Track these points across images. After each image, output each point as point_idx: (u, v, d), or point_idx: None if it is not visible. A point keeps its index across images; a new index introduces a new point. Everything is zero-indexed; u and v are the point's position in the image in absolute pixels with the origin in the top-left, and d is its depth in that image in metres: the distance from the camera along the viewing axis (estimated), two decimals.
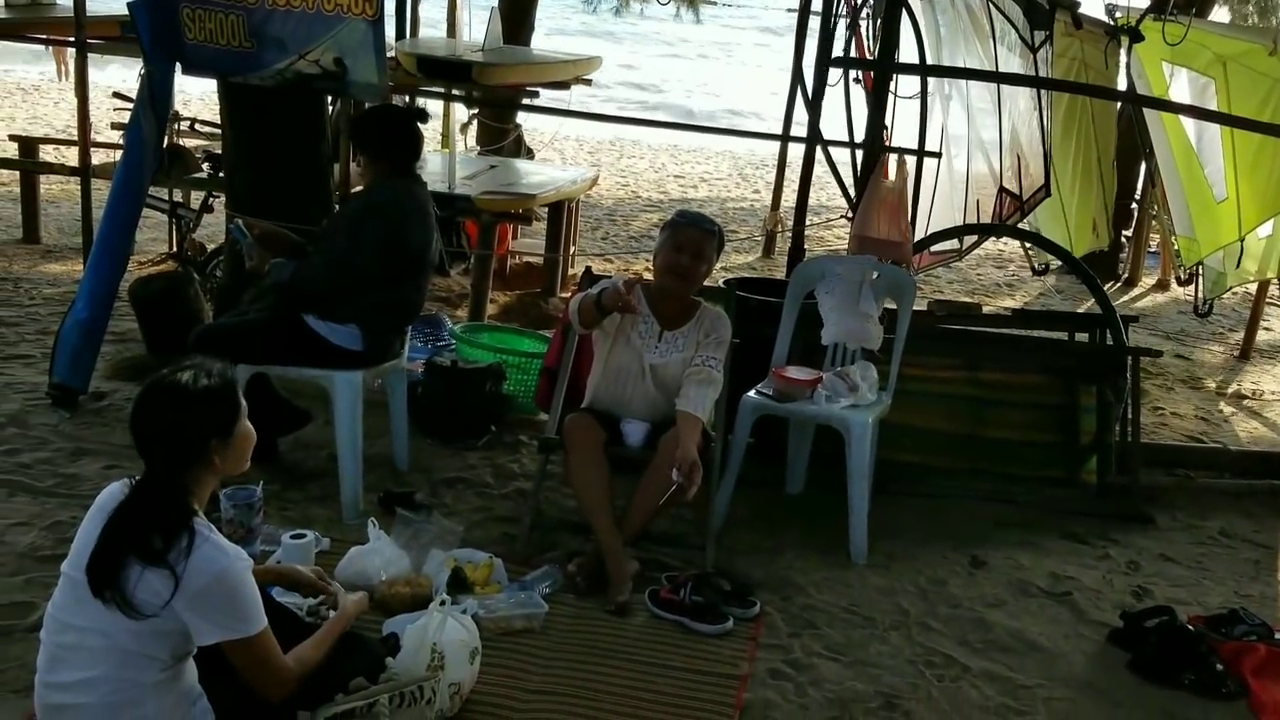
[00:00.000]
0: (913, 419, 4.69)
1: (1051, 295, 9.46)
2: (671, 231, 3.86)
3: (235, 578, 2.18)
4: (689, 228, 3.85)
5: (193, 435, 2.25)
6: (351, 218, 3.94)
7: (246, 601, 2.21)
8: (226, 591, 2.17)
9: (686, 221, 3.88)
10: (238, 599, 2.19)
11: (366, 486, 4.00)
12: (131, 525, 2.19)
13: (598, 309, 3.69)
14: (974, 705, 3.10)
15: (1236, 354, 7.83)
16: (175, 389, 2.25)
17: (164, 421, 2.25)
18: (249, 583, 2.22)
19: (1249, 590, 4.03)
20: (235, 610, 2.19)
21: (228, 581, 2.17)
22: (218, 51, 4.66)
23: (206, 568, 2.15)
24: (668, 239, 3.85)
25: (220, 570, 2.16)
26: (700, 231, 3.84)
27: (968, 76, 6.18)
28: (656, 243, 3.94)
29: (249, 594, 2.21)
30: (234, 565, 2.19)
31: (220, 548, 2.19)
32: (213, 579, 2.15)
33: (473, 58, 6.09)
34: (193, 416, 2.25)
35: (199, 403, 2.25)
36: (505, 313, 6.85)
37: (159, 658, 2.19)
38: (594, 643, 3.22)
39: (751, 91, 26.52)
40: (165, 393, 2.26)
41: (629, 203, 12.24)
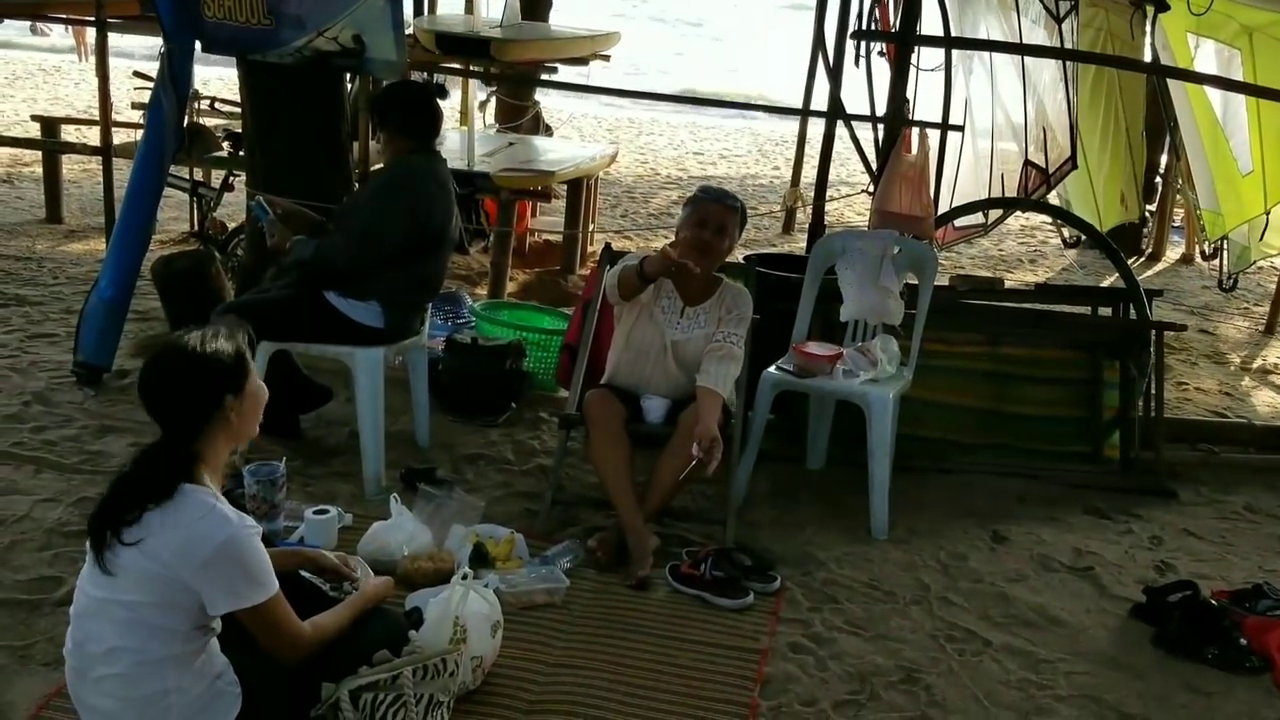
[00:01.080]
0: (934, 394, 4.67)
1: (1075, 270, 9.38)
2: (694, 207, 3.85)
3: (241, 544, 2.18)
4: (712, 203, 3.84)
5: (206, 392, 2.26)
6: (372, 194, 3.95)
7: (255, 567, 2.21)
8: (233, 558, 2.18)
9: (709, 197, 3.87)
10: (246, 565, 2.20)
11: (388, 463, 4.02)
12: (127, 486, 2.22)
13: (640, 279, 3.67)
14: (995, 679, 3.10)
15: (1261, 328, 7.76)
16: (183, 350, 2.27)
17: (174, 382, 2.26)
18: (256, 549, 2.22)
19: (1273, 565, 4.00)
20: (245, 577, 2.19)
21: (234, 548, 2.17)
22: (237, 29, 4.66)
23: (212, 535, 2.16)
24: (690, 214, 3.84)
25: (226, 537, 2.16)
26: (723, 207, 3.83)
27: (992, 49, 6.12)
28: (679, 218, 3.93)
29: (257, 560, 2.22)
30: (239, 532, 2.19)
31: (224, 515, 2.19)
32: (219, 546, 2.15)
33: (491, 34, 6.09)
34: (205, 373, 2.26)
35: (210, 361, 2.26)
36: (525, 290, 6.86)
37: (178, 629, 2.20)
38: (615, 617, 3.23)
39: (772, 68, 26.35)
40: (174, 355, 2.28)
41: (648, 180, 12.20)
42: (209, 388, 2.27)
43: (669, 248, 3.63)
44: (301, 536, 3.44)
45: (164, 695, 2.20)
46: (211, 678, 2.27)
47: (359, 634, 2.54)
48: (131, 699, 2.20)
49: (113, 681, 2.20)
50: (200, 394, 2.26)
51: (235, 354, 2.32)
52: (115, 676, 2.19)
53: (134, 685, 2.19)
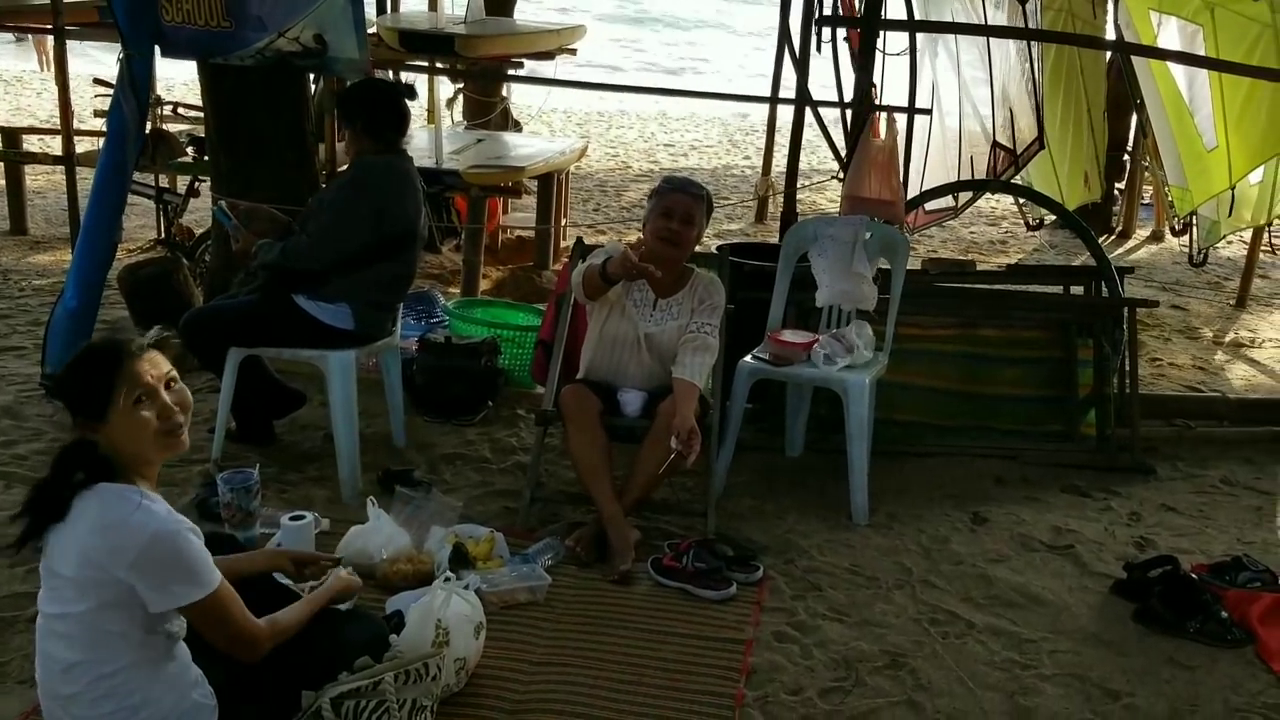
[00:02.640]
0: (910, 378, 4.68)
1: (1045, 250, 9.43)
2: (659, 198, 3.83)
3: (170, 538, 2.12)
4: (677, 193, 3.82)
5: (71, 399, 2.24)
6: (338, 194, 3.91)
7: (190, 562, 2.15)
8: (165, 554, 2.12)
9: (673, 187, 3.85)
10: (179, 560, 2.14)
11: (364, 466, 3.99)
12: (43, 486, 2.20)
13: (603, 279, 3.65)
14: (979, 660, 3.10)
15: (1233, 302, 7.82)
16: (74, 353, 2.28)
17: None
18: (187, 545, 2.15)
19: (1251, 537, 4.03)
20: (179, 573, 2.14)
21: (163, 543, 2.11)
22: (196, 32, 4.60)
23: (139, 532, 2.10)
24: (656, 206, 3.82)
25: (152, 532, 2.11)
26: (689, 196, 3.81)
27: (956, 31, 6.13)
28: (645, 210, 3.91)
29: (191, 554, 2.15)
30: (166, 526, 2.12)
31: (151, 512, 2.13)
32: (147, 541, 2.10)
33: (455, 30, 6.05)
34: (65, 388, 2.25)
35: (64, 377, 2.25)
36: (498, 287, 6.83)
37: (129, 634, 2.15)
38: (598, 613, 3.22)
39: (740, 57, 26.37)
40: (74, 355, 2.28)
41: (619, 173, 12.18)
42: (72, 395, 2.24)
43: (631, 250, 3.60)
44: (279, 543, 3.40)
45: (133, 711, 2.15)
46: (185, 689, 2.22)
47: (339, 639, 2.51)
48: (101, 716, 2.15)
49: (78, 701, 2.16)
50: (72, 403, 2.23)
51: (88, 378, 2.21)
52: (79, 695, 2.15)
53: (99, 703, 2.15)
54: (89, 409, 2.19)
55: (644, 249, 3.86)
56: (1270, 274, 8.77)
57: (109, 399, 2.18)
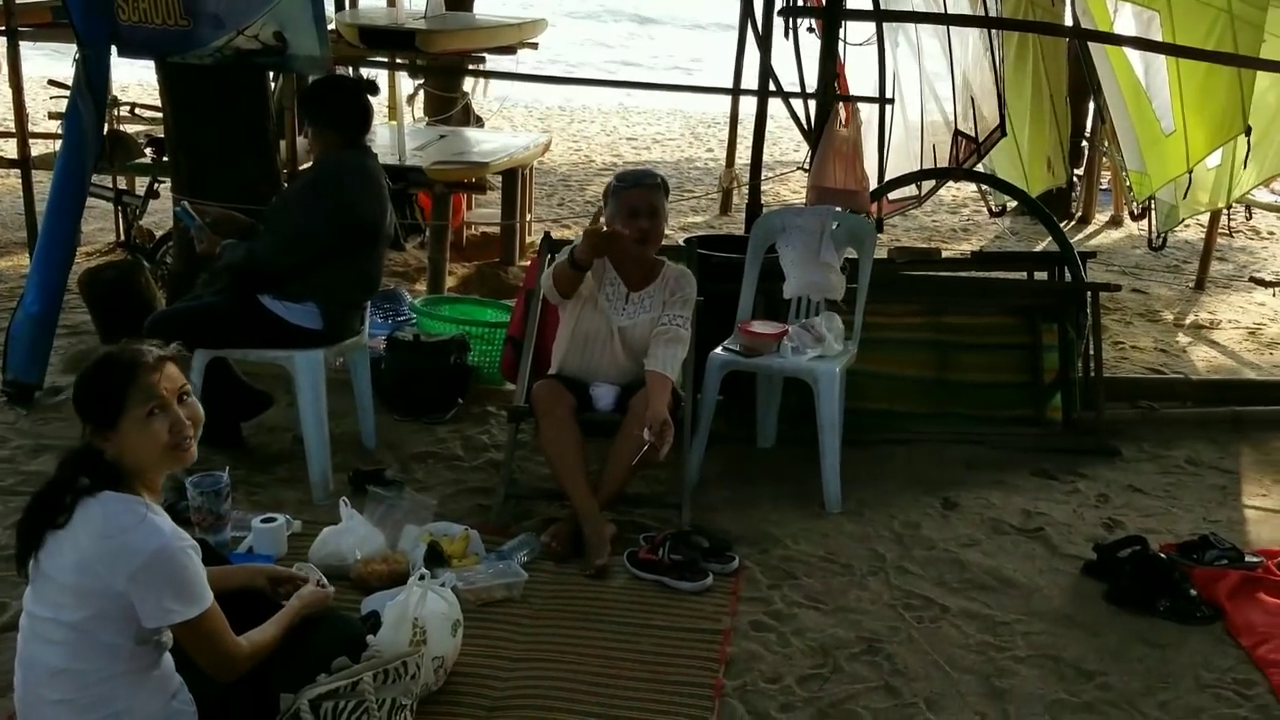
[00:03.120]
0: (879, 367, 4.70)
1: (1007, 237, 9.51)
2: (620, 198, 3.78)
3: (172, 556, 2.12)
4: (635, 189, 3.78)
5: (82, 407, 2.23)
6: (302, 193, 3.87)
7: (188, 581, 2.15)
8: (165, 570, 2.12)
9: (630, 184, 3.80)
10: (178, 578, 2.14)
11: (335, 466, 3.95)
12: (47, 491, 2.18)
13: (574, 268, 3.63)
14: (954, 644, 3.13)
15: (1192, 285, 7.92)
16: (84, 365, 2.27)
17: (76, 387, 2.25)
18: (189, 563, 2.16)
19: (1217, 515, 4.10)
20: (176, 591, 2.14)
21: (165, 560, 2.11)
22: (153, 31, 4.53)
23: (142, 546, 2.10)
24: (619, 207, 3.78)
25: (156, 548, 2.11)
26: (646, 189, 3.78)
27: (917, 20, 6.16)
28: (606, 212, 3.87)
29: (190, 573, 2.16)
30: (170, 543, 2.13)
31: (157, 527, 2.13)
32: (149, 557, 2.09)
33: (415, 25, 6.01)
34: (74, 397, 2.24)
35: (79, 386, 2.24)
36: (465, 284, 6.79)
37: (121, 645, 2.14)
38: (575, 608, 3.21)
39: (701, 49, 26.36)
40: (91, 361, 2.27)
41: (583, 167, 12.14)
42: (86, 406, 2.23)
43: (592, 227, 3.58)
44: (250, 546, 3.38)
45: (116, 718, 2.14)
46: (167, 697, 2.21)
47: (315, 642, 2.50)
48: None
49: (62, 707, 2.13)
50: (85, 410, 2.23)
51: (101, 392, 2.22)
52: (64, 702, 2.13)
53: (84, 710, 2.13)
54: (101, 417, 2.20)
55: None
56: (1228, 256, 8.90)
57: (122, 409, 2.20)
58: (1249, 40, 5.98)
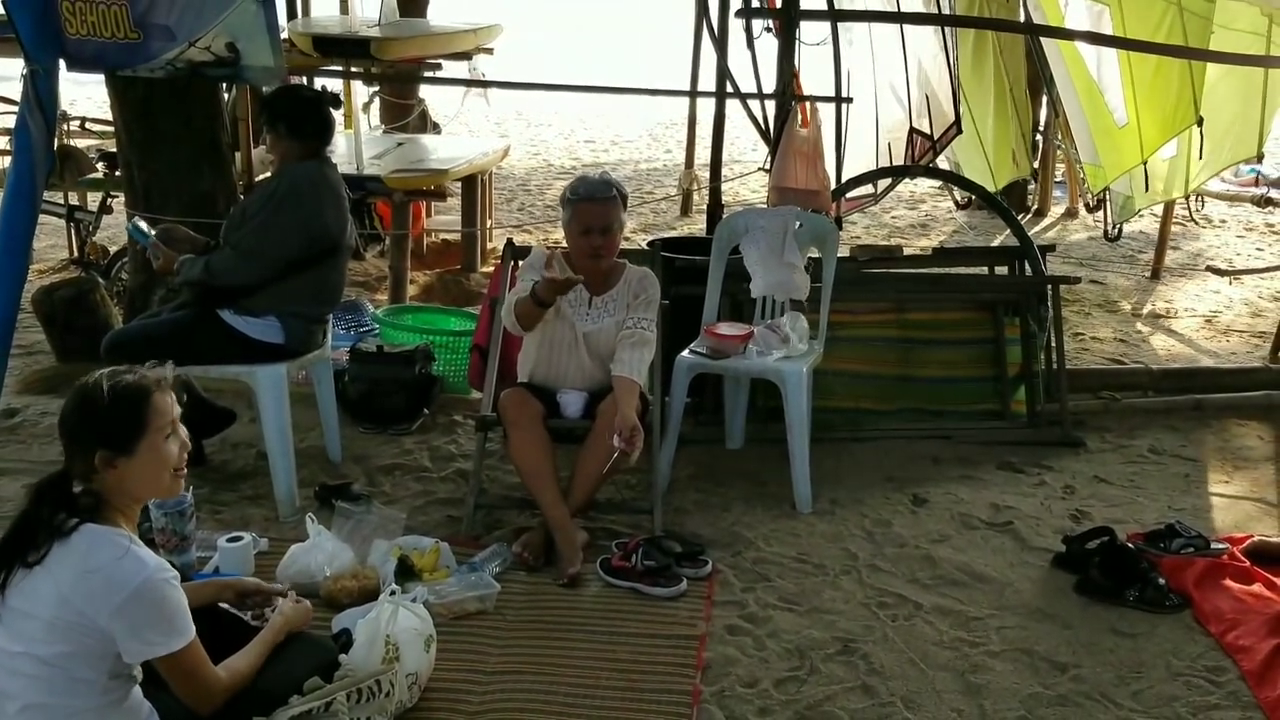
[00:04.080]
0: (845, 365, 4.72)
1: (965, 232, 9.58)
2: (574, 211, 3.72)
3: (157, 589, 2.09)
4: (587, 203, 3.70)
5: (81, 440, 2.17)
6: (262, 205, 3.81)
7: (171, 614, 2.12)
8: (149, 604, 2.08)
9: (584, 197, 3.71)
10: (162, 611, 2.10)
11: (301, 481, 3.91)
12: (21, 526, 2.12)
13: (537, 304, 3.59)
14: (929, 641, 3.14)
15: (1148, 275, 8.02)
16: (84, 389, 2.19)
17: (64, 419, 2.19)
18: (172, 595, 2.12)
19: (1182, 503, 4.14)
20: (160, 624, 2.10)
21: (149, 593, 2.08)
22: (103, 45, 4.44)
23: (126, 580, 2.06)
24: (572, 220, 3.72)
25: (140, 582, 2.07)
26: (599, 203, 3.69)
27: (873, 19, 6.19)
28: (562, 219, 3.81)
29: (173, 606, 2.13)
30: (154, 576, 2.09)
31: (141, 559, 2.09)
32: (133, 591, 2.05)
33: (370, 33, 5.95)
34: (84, 421, 2.17)
35: (94, 408, 2.17)
36: (427, 292, 6.74)
37: (95, 680, 2.10)
38: (549, 617, 3.19)
39: (657, 50, 26.34)
40: (77, 390, 2.19)
41: (542, 171, 12.12)
42: (83, 436, 2.17)
43: (553, 259, 3.55)
44: (216, 566, 3.32)
45: None
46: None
47: (287, 662, 2.46)
48: None
49: None
50: (76, 438, 2.17)
51: (126, 411, 2.18)
52: None
53: None
54: (121, 441, 2.17)
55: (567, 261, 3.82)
56: (1182, 245, 9.02)
57: (143, 431, 2.18)
58: (1198, 31, 6.07)
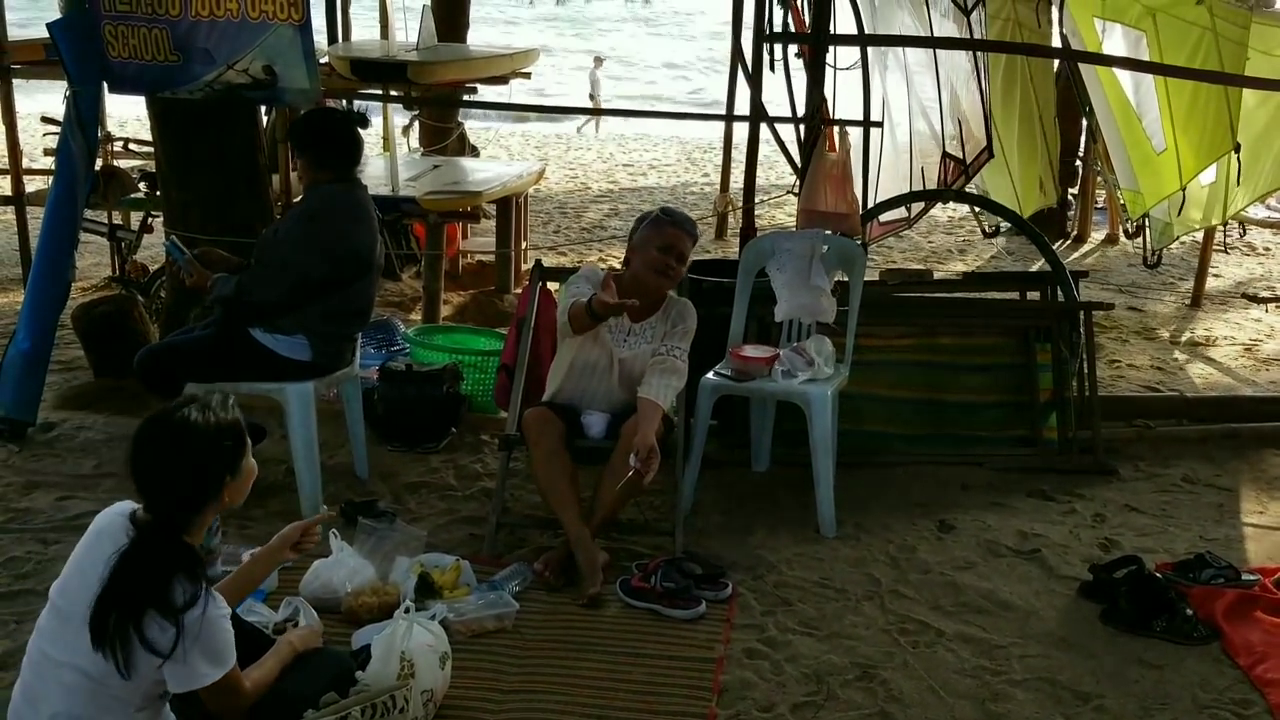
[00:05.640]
0: (872, 389, 4.70)
1: (1003, 257, 9.52)
2: (657, 230, 3.82)
3: (211, 624, 2.16)
4: (675, 228, 3.83)
5: (206, 476, 2.22)
6: (292, 226, 3.88)
7: (221, 647, 2.19)
8: (203, 641, 2.15)
9: (672, 221, 3.85)
10: (213, 646, 2.17)
11: (327, 498, 3.94)
12: (148, 577, 2.12)
13: (591, 316, 3.63)
14: (950, 669, 3.10)
15: (1188, 302, 7.91)
16: (185, 428, 2.20)
17: (176, 463, 2.20)
18: (224, 628, 2.19)
19: (1214, 534, 4.07)
20: (209, 658, 2.17)
21: (205, 631, 2.15)
22: (143, 67, 4.57)
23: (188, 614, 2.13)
24: (652, 236, 3.80)
25: (194, 620, 2.13)
26: (684, 233, 3.85)
27: (903, 44, 6.19)
28: (636, 234, 3.88)
29: (224, 639, 2.20)
30: (211, 613, 2.16)
31: (197, 597, 2.15)
32: (189, 629, 2.12)
33: (407, 57, 6.03)
34: (206, 456, 2.22)
35: (211, 441, 2.22)
36: (460, 313, 6.80)
37: (131, 700, 2.16)
38: (567, 637, 3.19)
39: (702, 71, 26.53)
40: (175, 432, 2.21)
41: (579, 194, 12.19)
42: (212, 468, 2.23)
43: (608, 290, 3.59)
44: None
45: None
46: None
47: (305, 676, 2.49)
48: None
49: None
50: (203, 475, 2.23)
51: (235, 429, 2.28)
52: None
53: None
54: (235, 465, 2.28)
55: (626, 274, 3.85)
56: (1223, 273, 8.90)
57: (245, 446, 2.31)
58: (1233, 57, 6.02)
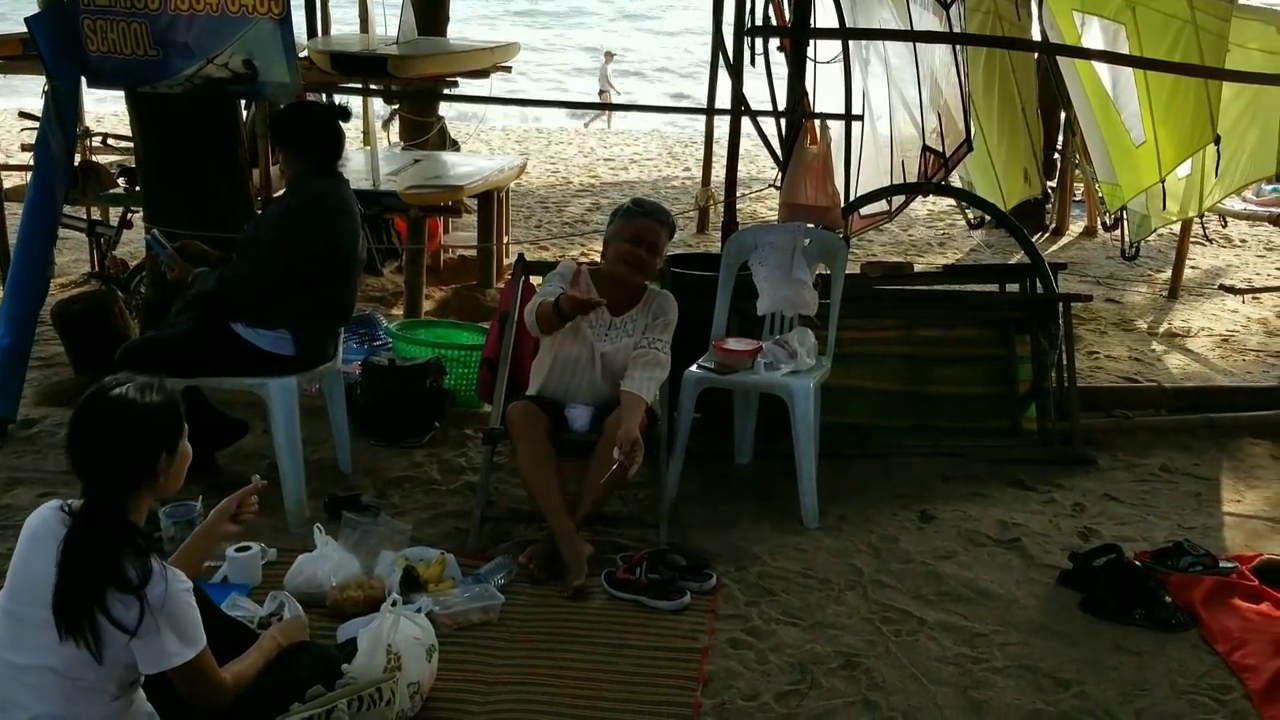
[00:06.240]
0: (854, 381, 4.73)
1: (983, 250, 9.58)
2: (628, 221, 3.82)
3: (176, 600, 2.13)
4: (646, 219, 3.82)
5: (142, 453, 2.19)
6: (274, 221, 3.87)
7: (188, 624, 2.16)
8: (168, 618, 2.12)
9: (643, 212, 3.85)
10: (180, 623, 2.14)
11: (311, 493, 3.94)
12: (98, 557, 2.11)
13: (558, 315, 3.63)
14: (932, 657, 3.13)
15: (1165, 294, 7.98)
16: (120, 404, 2.18)
17: (111, 439, 2.18)
18: (190, 603, 2.17)
19: (1192, 522, 4.12)
20: (178, 635, 2.14)
21: (170, 606, 2.12)
22: (122, 61, 4.54)
23: (151, 592, 2.10)
24: (623, 228, 3.81)
25: (158, 595, 2.11)
26: (657, 223, 3.84)
27: (884, 37, 6.21)
28: (609, 228, 3.89)
29: (190, 615, 2.17)
30: (174, 588, 2.13)
31: (158, 574, 2.13)
32: (153, 605, 2.10)
33: (387, 51, 6.00)
34: (142, 432, 2.19)
35: (148, 418, 2.20)
36: (442, 307, 6.79)
37: (107, 689, 2.14)
38: (552, 629, 3.21)
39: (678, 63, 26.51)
40: (110, 408, 2.18)
41: (560, 189, 12.19)
42: (147, 445, 2.20)
43: (579, 275, 3.60)
44: (225, 575, 3.36)
45: None
46: None
47: (290, 670, 2.49)
48: None
49: None
50: (138, 451, 2.20)
51: (172, 409, 2.27)
52: None
53: None
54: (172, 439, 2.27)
55: (602, 267, 3.86)
56: (1200, 264, 8.98)
57: (181, 429, 2.29)
58: (1213, 50, 6.07)
